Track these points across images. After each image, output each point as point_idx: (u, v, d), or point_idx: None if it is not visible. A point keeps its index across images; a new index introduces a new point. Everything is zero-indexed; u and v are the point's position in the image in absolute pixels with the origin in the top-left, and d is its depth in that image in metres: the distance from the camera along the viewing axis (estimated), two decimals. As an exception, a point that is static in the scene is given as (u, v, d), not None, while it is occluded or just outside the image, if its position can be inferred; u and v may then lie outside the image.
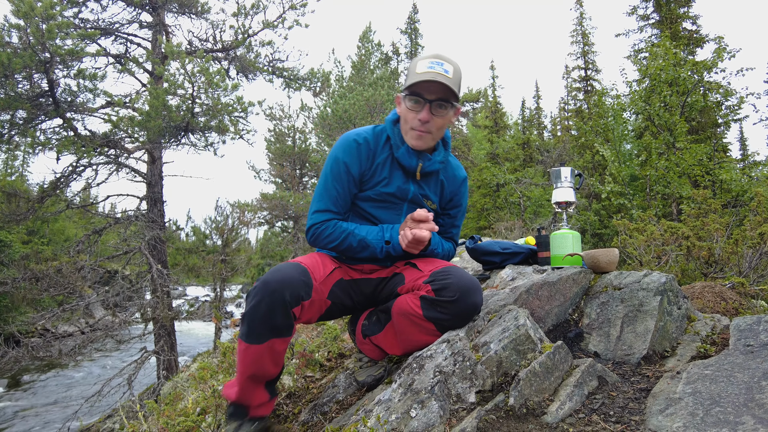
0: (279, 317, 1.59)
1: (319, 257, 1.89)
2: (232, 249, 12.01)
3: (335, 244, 1.85)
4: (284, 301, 1.58)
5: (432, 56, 1.79)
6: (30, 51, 6.66)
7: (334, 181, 1.88)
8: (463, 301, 1.68)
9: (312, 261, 1.81)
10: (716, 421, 1.16)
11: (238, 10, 9.95)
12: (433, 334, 1.74)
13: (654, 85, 11.07)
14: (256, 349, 1.63)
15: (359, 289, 1.98)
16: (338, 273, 1.90)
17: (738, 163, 15.60)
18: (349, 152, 1.87)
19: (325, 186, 1.89)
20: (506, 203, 17.59)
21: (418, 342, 1.77)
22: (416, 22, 25.35)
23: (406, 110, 1.82)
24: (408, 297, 1.78)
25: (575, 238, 2.34)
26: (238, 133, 9.40)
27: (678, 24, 17.00)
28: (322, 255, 1.94)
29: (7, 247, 15.68)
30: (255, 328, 1.61)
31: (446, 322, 1.71)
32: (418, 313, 1.72)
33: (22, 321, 10.78)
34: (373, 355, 2.05)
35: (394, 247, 1.85)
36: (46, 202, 9.10)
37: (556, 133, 31.90)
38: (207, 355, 9.07)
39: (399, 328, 1.83)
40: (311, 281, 1.69)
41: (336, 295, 1.85)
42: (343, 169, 1.87)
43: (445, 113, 1.83)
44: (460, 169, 2.11)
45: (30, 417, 10.19)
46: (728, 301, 2.50)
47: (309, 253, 1.94)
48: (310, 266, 1.74)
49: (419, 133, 1.82)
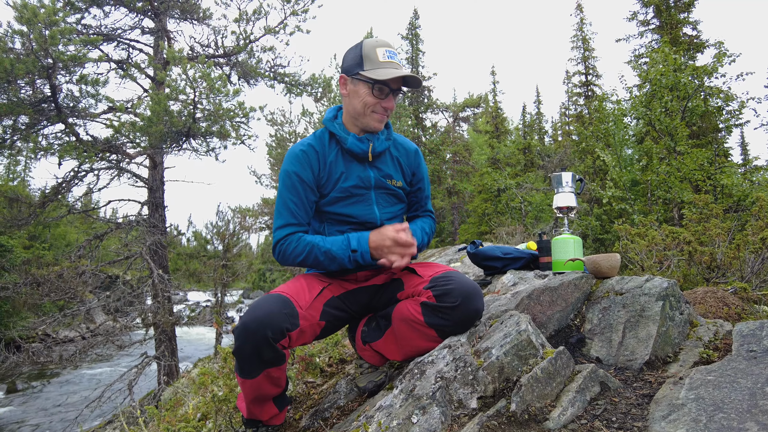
0: (266, 353, 1.59)
1: (304, 280, 1.85)
2: (233, 254, 12.00)
3: (301, 258, 1.80)
4: (267, 339, 1.56)
5: (384, 44, 1.85)
6: (33, 57, 6.70)
7: (289, 193, 1.85)
8: (465, 307, 1.67)
9: (295, 287, 1.77)
10: (719, 428, 1.15)
11: (240, 16, 10.00)
12: (434, 340, 1.73)
13: (655, 90, 11.09)
14: (252, 382, 1.67)
15: (355, 299, 1.96)
16: (328, 292, 1.86)
17: (739, 168, 15.58)
18: (297, 162, 1.86)
19: (282, 201, 1.86)
20: (507, 208, 17.57)
21: (419, 348, 1.77)
22: (417, 27, 25.45)
23: (366, 95, 1.84)
24: (408, 303, 1.78)
25: (577, 243, 2.34)
26: (240, 138, 9.43)
27: (678, 29, 17.04)
28: (308, 276, 1.91)
29: (9, 252, 15.70)
30: (245, 366, 1.63)
31: (447, 328, 1.70)
32: (419, 320, 1.72)
33: (23, 326, 10.78)
34: (374, 361, 2.03)
35: (363, 255, 1.78)
36: (47, 207, 9.12)
37: (557, 138, 31.93)
38: (208, 360, 9.05)
39: (399, 334, 1.82)
40: (296, 311, 1.65)
41: (329, 314, 1.82)
42: (295, 180, 1.85)
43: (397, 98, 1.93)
44: (408, 142, 2.12)
45: (30, 422, 10.16)
46: (731, 306, 2.49)
47: (296, 276, 1.92)
48: (293, 294, 1.71)
49: (381, 116, 1.89)
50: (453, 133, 25.88)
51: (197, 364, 9.07)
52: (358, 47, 1.85)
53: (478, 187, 19.98)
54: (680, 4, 17.13)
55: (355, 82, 1.85)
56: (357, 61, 1.83)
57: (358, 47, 1.85)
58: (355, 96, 1.86)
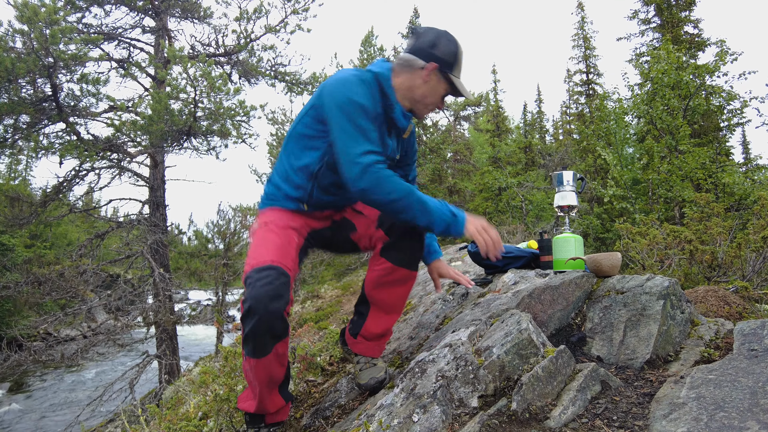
0: (277, 326, 1.59)
1: (282, 235, 1.78)
2: (234, 253, 12.00)
3: (396, 196, 1.61)
4: (279, 311, 1.57)
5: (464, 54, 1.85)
6: (33, 56, 6.70)
7: (363, 120, 1.66)
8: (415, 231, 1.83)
9: (277, 246, 1.72)
10: (721, 426, 1.15)
11: (241, 15, 10.00)
12: (409, 277, 1.89)
13: (656, 89, 11.07)
14: (264, 361, 1.66)
15: (319, 236, 1.99)
16: (300, 238, 1.87)
17: (741, 167, 15.56)
18: (367, 95, 1.71)
19: (355, 126, 1.64)
20: (508, 207, 17.54)
21: (404, 296, 1.94)
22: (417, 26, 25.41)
23: (440, 94, 1.83)
24: (370, 266, 1.91)
25: (578, 242, 2.34)
26: (240, 137, 9.43)
27: (679, 28, 17.00)
28: (280, 224, 1.83)
29: (10, 251, 15.71)
30: (258, 344, 1.62)
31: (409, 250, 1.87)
32: (387, 267, 1.84)
33: (25, 325, 10.79)
34: (371, 351, 2.03)
35: (456, 224, 1.67)
36: (48, 206, 9.13)
37: (558, 136, 31.90)
38: (209, 359, 9.06)
39: (381, 301, 1.92)
40: (288, 275, 1.64)
41: (301, 260, 1.90)
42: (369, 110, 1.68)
43: None
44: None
45: (32, 421, 10.18)
46: (732, 305, 2.48)
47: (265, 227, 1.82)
48: (281, 258, 1.67)
49: (431, 111, 1.89)
50: (454, 131, 25.83)
51: (198, 363, 9.08)
52: (456, 46, 1.79)
53: (479, 185, 19.96)
54: (681, 3, 17.09)
55: (439, 77, 1.79)
56: (452, 61, 1.78)
57: (455, 45, 1.79)
58: (431, 89, 1.81)
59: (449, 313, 2.43)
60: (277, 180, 1.91)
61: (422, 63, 1.77)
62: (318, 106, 1.76)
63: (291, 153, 1.88)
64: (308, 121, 1.81)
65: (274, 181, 1.93)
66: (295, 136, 1.86)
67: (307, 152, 1.82)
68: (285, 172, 1.88)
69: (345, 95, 1.66)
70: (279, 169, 1.92)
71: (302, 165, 1.83)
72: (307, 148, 1.82)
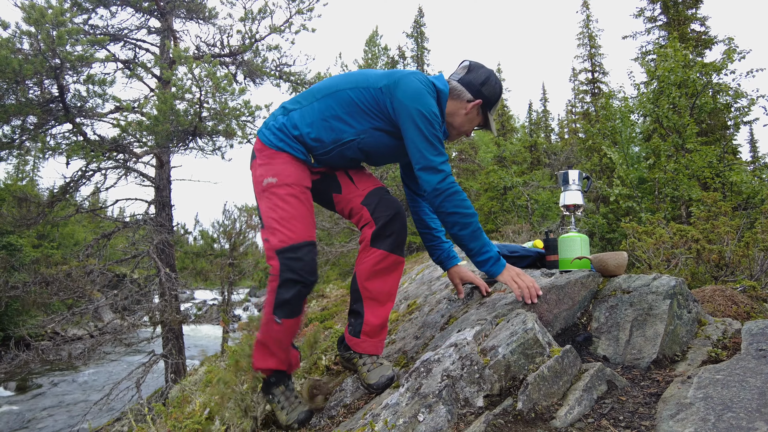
0: (308, 292, 1.87)
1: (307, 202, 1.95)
2: (239, 253, 12.02)
3: (464, 212, 1.87)
4: (313, 283, 1.84)
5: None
6: (41, 57, 6.74)
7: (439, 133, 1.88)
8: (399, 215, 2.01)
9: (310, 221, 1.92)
10: (728, 427, 1.14)
11: (246, 15, 10.02)
12: (397, 263, 2.04)
13: (662, 87, 11.00)
14: (296, 321, 1.89)
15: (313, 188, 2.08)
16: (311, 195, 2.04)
17: (748, 165, 15.43)
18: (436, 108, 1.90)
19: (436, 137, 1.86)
20: (513, 206, 17.50)
21: (395, 283, 2.07)
22: (422, 25, 25.40)
23: (472, 125, 2.06)
24: (361, 259, 2.03)
25: (583, 242, 2.33)
26: (246, 137, 9.44)
27: (686, 25, 16.90)
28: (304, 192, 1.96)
29: (18, 251, 15.85)
30: (297, 306, 1.85)
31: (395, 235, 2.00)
32: (380, 254, 1.99)
33: (33, 324, 10.88)
34: (373, 348, 2.08)
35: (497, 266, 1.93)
36: (56, 206, 9.18)
37: (564, 135, 31.77)
38: (215, 358, 9.09)
39: (375, 292, 2.03)
40: (316, 245, 1.89)
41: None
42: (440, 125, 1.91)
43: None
44: None
45: (40, 420, 10.27)
46: (739, 304, 2.47)
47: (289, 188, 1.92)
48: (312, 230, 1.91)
49: (460, 137, 2.14)
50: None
51: (204, 362, 9.12)
52: (500, 90, 2.03)
53: (484, 185, 19.92)
54: (688, 1, 16.99)
55: (479, 112, 2.02)
56: (494, 101, 2.02)
57: (500, 89, 2.03)
58: (469, 120, 2.03)
59: (454, 312, 2.43)
60: (300, 122, 1.96)
61: (470, 97, 1.98)
62: (389, 96, 1.87)
63: (329, 110, 1.94)
64: (368, 96, 1.91)
65: (295, 121, 1.97)
66: (343, 98, 1.93)
67: (348, 120, 1.93)
68: (313, 122, 1.94)
69: (428, 106, 1.84)
70: (307, 114, 1.96)
71: (337, 128, 1.94)
72: (350, 117, 1.93)
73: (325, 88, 1.97)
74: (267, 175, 1.93)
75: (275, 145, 1.96)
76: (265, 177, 1.93)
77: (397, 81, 1.85)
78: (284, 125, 1.97)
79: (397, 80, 1.86)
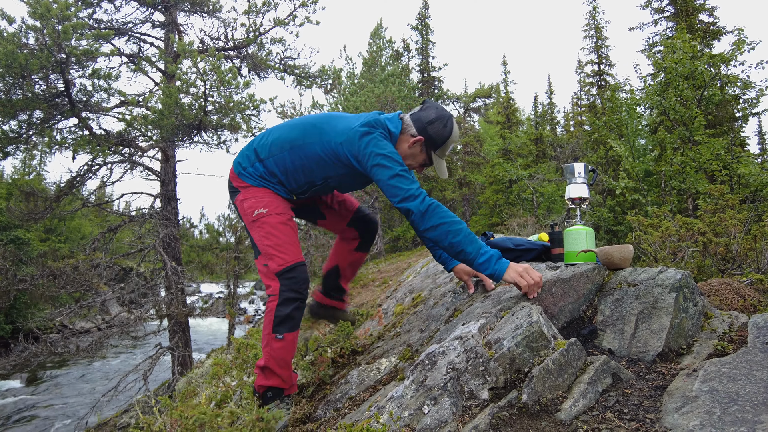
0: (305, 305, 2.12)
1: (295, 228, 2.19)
2: (245, 246, 12.08)
3: (449, 221, 1.92)
4: (307, 295, 2.08)
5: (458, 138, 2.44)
6: (46, 52, 6.76)
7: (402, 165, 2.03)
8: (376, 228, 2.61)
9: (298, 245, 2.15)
10: (734, 420, 1.14)
11: (250, 8, 9.99)
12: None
13: (670, 79, 10.89)
14: (297, 333, 2.07)
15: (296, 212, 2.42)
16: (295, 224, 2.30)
17: (757, 158, 15.29)
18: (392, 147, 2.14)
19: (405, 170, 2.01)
20: (519, 199, 17.43)
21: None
22: (427, 18, 25.22)
23: (416, 156, 2.18)
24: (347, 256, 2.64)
25: (589, 235, 2.32)
26: (251, 130, 9.45)
27: (694, 16, 16.69)
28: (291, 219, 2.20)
29: (26, 245, 15.99)
30: (297, 319, 2.05)
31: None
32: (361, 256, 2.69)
33: (41, 317, 10.97)
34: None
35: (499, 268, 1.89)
36: (62, 200, 9.25)
37: (569, 128, 31.56)
38: (221, 351, 9.16)
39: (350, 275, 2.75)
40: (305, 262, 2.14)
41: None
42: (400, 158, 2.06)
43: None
44: None
45: (49, 411, 10.40)
46: (746, 298, 2.46)
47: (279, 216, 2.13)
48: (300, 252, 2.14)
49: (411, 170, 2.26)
50: (464, 124, 25.68)
51: (210, 355, 9.19)
52: (449, 133, 2.14)
53: (489, 178, 19.86)
54: (696, -9, 16.77)
55: (422, 149, 2.15)
56: (436, 143, 2.13)
57: (449, 132, 2.14)
58: (412, 155, 2.17)
59: (459, 305, 2.43)
60: (276, 170, 2.17)
61: (414, 132, 2.13)
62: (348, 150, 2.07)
63: (299, 160, 2.16)
64: (329, 150, 2.11)
65: (272, 168, 2.17)
66: (310, 152, 2.14)
67: (315, 169, 2.16)
68: (287, 170, 2.18)
69: (386, 148, 2.01)
70: (280, 163, 2.17)
71: (308, 173, 2.18)
72: (317, 167, 2.16)
73: (293, 140, 2.16)
74: (257, 207, 2.12)
75: (259, 184, 2.18)
76: (255, 209, 2.12)
77: (351, 138, 2.04)
78: (264, 174, 2.18)
79: (351, 138, 2.04)
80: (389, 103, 15.06)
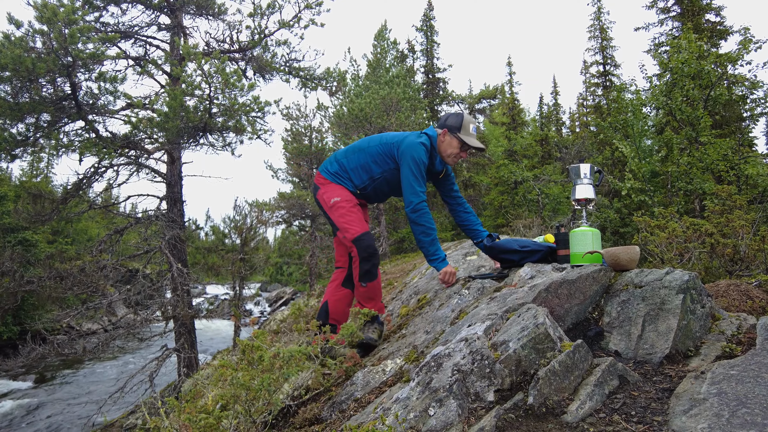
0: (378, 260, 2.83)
1: (359, 213, 2.89)
2: (250, 248, 12.10)
3: (428, 226, 2.84)
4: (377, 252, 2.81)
5: (473, 121, 2.94)
6: (53, 55, 6.81)
7: (421, 174, 2.83)
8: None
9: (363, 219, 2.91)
10: (743, 423, 1.13)
11: (254, 11, 10.02)
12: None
13: (676, 79, 10.83)
14: (376, 281, 2.83)
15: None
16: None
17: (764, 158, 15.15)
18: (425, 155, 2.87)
19: (421, 174, 2.83)
20: (524, 201, 17.39)
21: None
22: (431, 19, 25.23)
23: (456, 146, 2.91)
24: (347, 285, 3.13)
25: (595, 236, 2.31)
26: (256, 132, 9.47)
27: (700, 16, 16.59)
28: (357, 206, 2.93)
29: (33, 247, 16.08)
30: (375, 269, 2.79)
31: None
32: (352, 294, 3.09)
33: (48, 319, 11.05)
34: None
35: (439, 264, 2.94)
36: (69, 202, 9.30)
37: (575, 129, 31.42)
38: (227, 352, 9.18)
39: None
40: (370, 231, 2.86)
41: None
42: (423, 167, 2.84)
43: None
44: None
45: (56, 412, 10.45)
46: (755, 299, 2.43)
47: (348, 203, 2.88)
48: (365, 224, 2.88)
49: (456, 160, 3.01)
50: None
51: (216, 356, 9.21)
52: (461, 118, 2.90)
53: (494, 179, 19.82)
54: (703, -10, 16.67)
55: (451, 137, 2.91)
56: (454, 127, 2.89)
57: (460, 118, 2.90)
58: (447, 145, 2.94)
59: (465, 307, 2.42)
60: (348, 167, 2.98)
61: (439, 130, 2.97)
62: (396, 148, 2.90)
63: (364, 158, 2.97)
64: (386, 149, 2.94)
65: (344, 166, 2.99)
66: (372, 151, 2.96)
67: (375, 164, 2.95)
68: (355, 167, 2.97)
69: (418, 155, 2.81)
70: (355, 161, 2.98)
71: (369, 168, 2.96)
72: (375, 163, 2.95)
73: (360, 144, 3.03)
74: (333, 197, 2.89)
75: (335, 181, 2.96)
76: (332, 198, 2.89)
77: (402, 140, 2.89)
78: (338, 170, 2.99)
79: (402, 139, 2.89)
80: (394, 105, 15.05)
